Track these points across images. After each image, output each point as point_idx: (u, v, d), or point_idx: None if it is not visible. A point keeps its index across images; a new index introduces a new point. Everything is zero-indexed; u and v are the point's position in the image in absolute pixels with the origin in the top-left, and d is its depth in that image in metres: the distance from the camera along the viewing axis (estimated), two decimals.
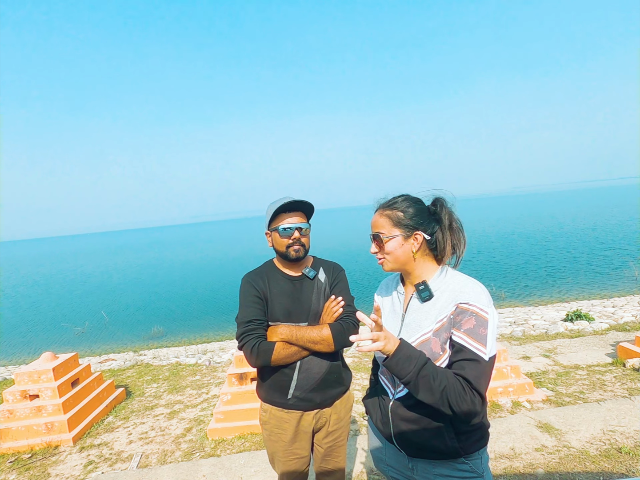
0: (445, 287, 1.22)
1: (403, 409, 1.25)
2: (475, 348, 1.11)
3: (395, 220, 1.25)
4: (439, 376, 1.10)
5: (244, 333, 1.58)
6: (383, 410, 1.33)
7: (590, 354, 4.75)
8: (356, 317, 1.68)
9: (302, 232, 1.65)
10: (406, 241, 1.25)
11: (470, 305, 1.14)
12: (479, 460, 1.22)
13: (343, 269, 1.83)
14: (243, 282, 1.70)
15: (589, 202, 68.93)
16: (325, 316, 1.66)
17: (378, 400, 1.39)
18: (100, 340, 11.80)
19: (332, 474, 1.81)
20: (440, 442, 1.19)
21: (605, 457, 2.58)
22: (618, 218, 32.97)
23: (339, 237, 42.04)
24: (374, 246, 1.31)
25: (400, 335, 1.27)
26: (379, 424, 1.36)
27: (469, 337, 1.12)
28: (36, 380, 3.84)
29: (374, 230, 1.30)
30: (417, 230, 1.25)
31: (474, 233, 30.06)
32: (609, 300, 9.74)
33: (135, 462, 3.24)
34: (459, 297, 1.17)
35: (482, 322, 1.12)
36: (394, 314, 1.35)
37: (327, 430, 1.73)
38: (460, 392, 1.08)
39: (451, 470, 1.21)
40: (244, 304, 1.65)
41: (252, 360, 1.58)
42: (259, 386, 1.78)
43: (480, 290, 1.18)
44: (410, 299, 1.29)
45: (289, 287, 1.69)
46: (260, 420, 1.79)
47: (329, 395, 1.71)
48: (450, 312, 1.17)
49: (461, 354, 1.12)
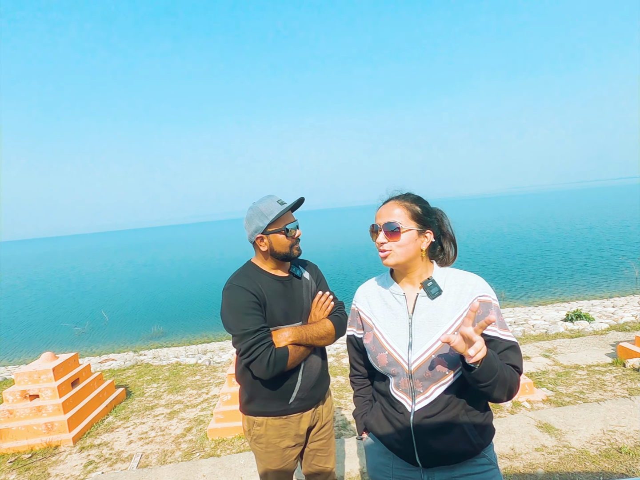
0: (450, 281, 1.24)
1: (426, 420, 1.18)
2: (507, 336, 1.18)
3: (413, 213, 1.22)
4: (504, 367, 1.12)
5: (254, 344, 1.45)
6: (401, 428, 1.22)
7: (590, 354, 4.75)
8: (344, 308, 1.73)
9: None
10: (419, 237, 1.23)
11: (487, 296, 1.20)
12: (492, 450, 1.25)
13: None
14: (233, 288, 1.54)
15: (589, 202, 68.93)
16: (318, 311, 1.65)
17: (388, 417, 1.27)
18: (100, 340, 11.80)
19: (323, 473, 1.78)
20: (467, 443, 1.17)
21: (605, 457, 2.58)
22: (618, 218, 32.98)
23: (333, 237, 42.04)
24: (383, 236, 1.22)
25: (413, 339, 1.20)
26: (394, 444, 1.25)
27: (500, 328, 1.18)
28: (36, 380, 3.84)
29: (387, 219, 1.22)
30: (429, 229, 1.25)
31: (474, 233, 30.01)
32: (609, 300, 9.74)
33: (135, 462, 3.24)
34: (475, 290, 1.20)
35: (498, 310, 1.20)
36: (395, 318, 1.26)
37: (320, 425, 1.74)
38: (515, 379, 1.14)
39: (472, 467, 1.19)
40: (243, 312, 1.49)
41: (268, 372, 1.45)
42: (248, 402, 1.64)
43: (484, 280, 1.25)
44: (416, 299, 1.24)
45: (282, 289, 1.63)
46: (252, 436, 1.66)
47: (324, 389, 1.74)
48: (470, 305, 1.17)
49: (502, 345, 1.17)
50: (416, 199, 1.27)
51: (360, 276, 17.33)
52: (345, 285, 15.13)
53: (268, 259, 1.64)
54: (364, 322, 1.35)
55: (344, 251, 27.56)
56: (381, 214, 1.25)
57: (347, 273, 18.49)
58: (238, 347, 1.49)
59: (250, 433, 1.67)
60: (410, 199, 1.26)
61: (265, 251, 1.61)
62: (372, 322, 1.31)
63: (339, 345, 7.34)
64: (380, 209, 1.28)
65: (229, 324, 1.52)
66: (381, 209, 1.27)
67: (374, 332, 1.29)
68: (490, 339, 1.16)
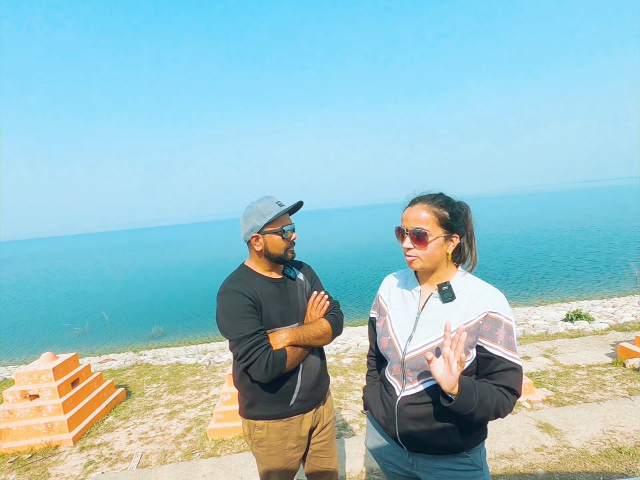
0: (466, 291, 1.23)
1: (410, 407, 1.25)
2: (512, 357, 1.16)
3: (441, 219, 1.19)
4: (489, 395, 1.13)
5: (252, 347, 1.43)
6: (388, 407, 1.32)
7: (590, 354, 4.75)
8: (339, 307, 1.74)
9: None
10: (445, 243, 1.22)
11: (500, 314, 1.17)
12: (479, 454, 1.26)
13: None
14: (228, 293, 1.52)
15: (589, 201, 68.90)
16: (314, 311, 1.65)
17: (381, 396, 1.37)
18: (100, 340, 11.80)
19: (327, 473, 1.78)
20: (445, 440, 1.21)
21: (605, 457, 2.58)
22: (618, 218, 32.96)
23: (330, 238, 41.98)
24: (409, 241, 1.21)
25: (414, 332, 1.25)
26: (381, 421, 1.35)
27: (505, 348, 1.16)
28: (36, 380, 3.84)
29: (414, 225, 1.19)
30: (456, 233, 1.23)
31: (475, 233, 29.96)
32: (609, 300, 9.75)
33: (135, 462, 3.24)
34: (489, 305, 1.18)
35: (510, 330, 1.17)
36: (406, 310, 1.31)
37: (321, 425, 1.74)
38: (506, 402, 1.14)
39: (452, 463, 1.24)
40: (239, 316, 1.47)
41: (267, 375, 1.44)
42: (249, 406, 1.62)
43: (503, 297, 1.22)
44: (429, 297, 1.27)
45: (276, 291, 1.62)
46: (253, 440, 1.64)
47: (324, 389, 1.73)
48: (479, 318, 1.18)
49: (501, 365, 1.16)
50: (445, 202, 1.22)
51: (361, 276, 17.33)
52: (344, 285, 15.14)
53: (262, 261, 1.62)
54: (380, 307, 1.43)
55: (346, 251, 27.55)
56: (408, 217, 1.22)
57: (348, 273, 18.48)
58: (235, 352, 1.48)
59: (252, 437, 1.65)
60: (439, 203, 1.21)
61: (260, 251, 1.59)
62: (387, 308, 1.39)
63: (339, 345, 7.34)
64: (407, 211, 1.24)
65: (225, 329, 1.50)
66: (408, 211, 1.24)
67: (386, 318, 1.37)
68: (491, 357, 1.16)
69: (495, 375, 1.16)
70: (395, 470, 1.37)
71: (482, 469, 1.25)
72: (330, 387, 1.88)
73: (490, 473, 1.30)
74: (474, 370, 1.21)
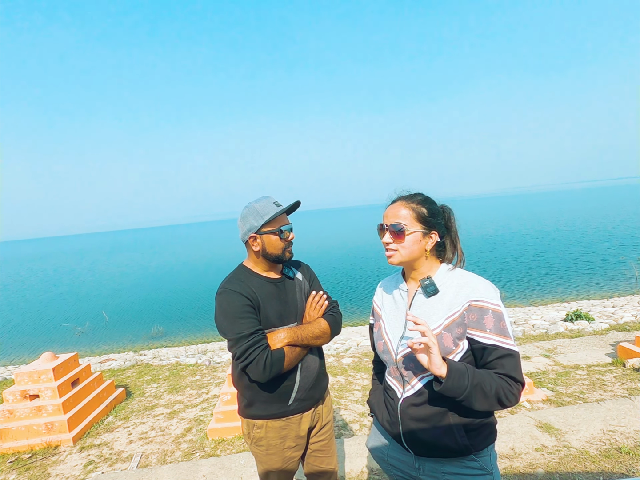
0: (450, 283, 1.24)
1: (413, 408, 1.25)
2: (505, 343, 1.15)
3: (419, 214, 1.24)
4: (487, 380, 1.12)
5: (250, 347, 1.44)
6: (391, 410, 1.32)
7: (590, 354, 4.75)
8: (338, 306, 1.74)
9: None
10: (423, 238, 1.25)
11: (484, 301, 1.17)
12: (488, 458, 1.23)
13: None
14: (226, 293, 1.53)
15: (589, 201, 68.91)
16: (313, 311, 1.65)
17: (384, 399, 1.38)
18: (100, 340, 11.80)
19: (326, 473, 1.77)
20: (451, 440, 1.19)
21: (605, 457, 2.58)
22: (618, 218, 32.96)
23: (328, 238, 42.02)
24: (389, 236, 1.26)
25: (405, 331, 1.27)
26: (385, 424, 1.34)
27: (496, 335, 1.15)
28: (36, 380, 3.84)
29: (393, 220, 1.25)
30: (434, 230, 1.27)
31: (475, 233, 30.05)
32: (609, 300, 9.74)
33: (135, 462, 3.24)
34: (471, 294, 1.19)
35: (499, 316, 1.16)
36: (396, 310, 1.34)
37: (320, 425, 1.74)
38: (509, 389, 1.13)
39: (461, 467, 1.21)
40: (237, 316, 1.48)
41: (265, 374, 1.45)
42: (248, 406, 1.63)
43: (488, 284, 1.22)
44: (414, 295, 1.29)
45: (275, 290, 1.62)
46: (252, 439, 1.64)
47: (323, 388, 1.73)
48: (463, 308, 1.18)
49: (495, 353, 1.15)
50: (423, 200, 1.28)
51: (361, 276, 17.33)
52: (344, 285, 15.14)
53: (260, 261, 1.63)
54: (376, 313, 1.45)
55: (343, 251, 27.56)
56: (388, 214, 1.28)
57: (347, 273, 18.48)
58: (234, 352, 1.48)
59: (250, 436, 1.65)
60: (417, 201, 1.27)
61: (257, 251, 1.60)
62: (381, 312, 1.42)
63: (339, 345, 7.34)
64: (387, 209, 1.31)
65: (223, 329, 1.51)
66: (388, 209, 1.30)
67: (380, 322, 1.39)
68: (484, 347, 1.16)
69: (492, 364, 1.15)
70: (399, 474, 1.36)
71: (492, 473, 1.22)
72: (330, 387, 1.88)
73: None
74: (471, 363, 1.21)
